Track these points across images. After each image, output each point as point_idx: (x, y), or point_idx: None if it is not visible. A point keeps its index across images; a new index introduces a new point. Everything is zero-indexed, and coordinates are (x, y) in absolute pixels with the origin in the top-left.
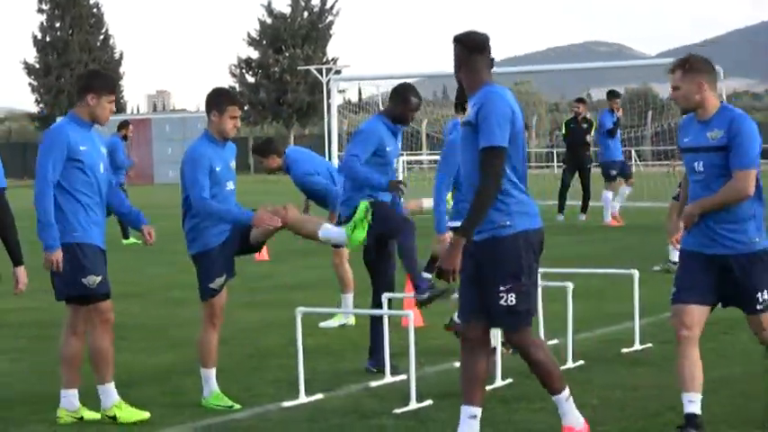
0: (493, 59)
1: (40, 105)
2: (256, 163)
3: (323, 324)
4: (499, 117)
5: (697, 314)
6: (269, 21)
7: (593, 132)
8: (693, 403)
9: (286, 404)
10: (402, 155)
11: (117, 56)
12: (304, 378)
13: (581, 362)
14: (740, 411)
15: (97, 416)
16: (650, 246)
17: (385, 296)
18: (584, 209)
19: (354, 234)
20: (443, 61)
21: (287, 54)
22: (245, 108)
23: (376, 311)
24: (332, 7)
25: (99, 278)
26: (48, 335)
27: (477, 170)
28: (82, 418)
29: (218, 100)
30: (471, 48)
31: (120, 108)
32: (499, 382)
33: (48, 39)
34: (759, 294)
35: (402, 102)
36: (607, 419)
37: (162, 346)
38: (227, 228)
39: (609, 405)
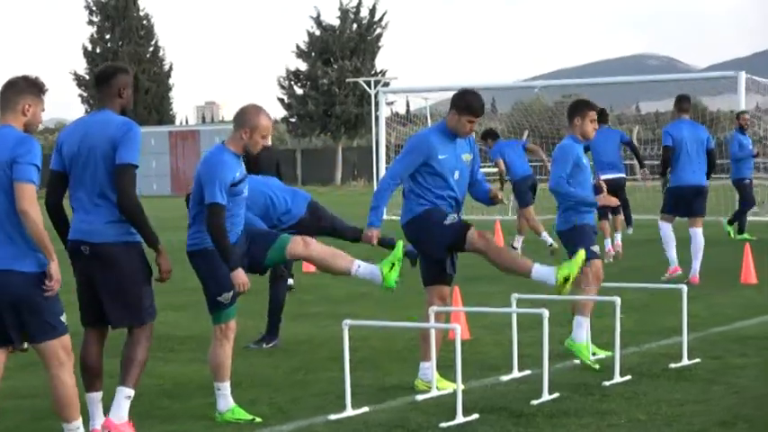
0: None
1: None
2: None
3: None
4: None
5: None
6: (318, 33)
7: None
8: None
9: (332, 417)
10: None
11: (167, 67)
12: (351, 391)
13: (628, 376)
14: None
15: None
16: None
17: (432, 309)
18: (628, 221)
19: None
20: (491, 74)
21: (335, 66)
22: (293, 120)
23: (423, 325)
24: (380, 19)
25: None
26: None
27: None
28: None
29: (579, 107)
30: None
31: (169, 119)
32: (546, 397)
33: (98, 50)
34: None
35: None
36: None
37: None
38: (591, 210)
39: (656, 420)
